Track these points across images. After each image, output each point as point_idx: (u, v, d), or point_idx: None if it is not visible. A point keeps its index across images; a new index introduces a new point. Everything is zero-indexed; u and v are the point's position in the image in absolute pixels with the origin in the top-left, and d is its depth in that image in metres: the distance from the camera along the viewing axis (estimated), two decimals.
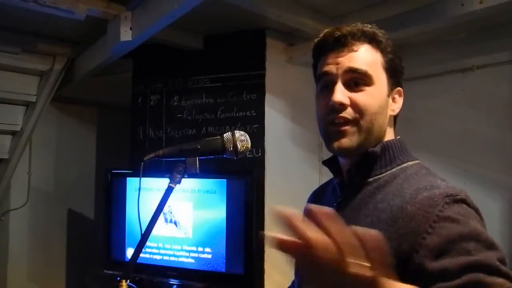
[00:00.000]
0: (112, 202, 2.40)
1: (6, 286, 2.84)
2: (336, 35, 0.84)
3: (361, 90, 0.82)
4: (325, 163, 0.95)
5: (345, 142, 0.82)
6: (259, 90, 2.21)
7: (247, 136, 0.99)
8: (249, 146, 0.99)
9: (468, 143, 2.13)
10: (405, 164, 0.84)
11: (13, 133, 2.66)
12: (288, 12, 1.87)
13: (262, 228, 2.14)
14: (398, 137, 0.89)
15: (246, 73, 2.24)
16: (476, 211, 0.73)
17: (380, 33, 0.86)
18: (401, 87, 0.89)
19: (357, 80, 0.82)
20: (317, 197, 1.06)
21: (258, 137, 2.16)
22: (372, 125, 0.82)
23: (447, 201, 0.70)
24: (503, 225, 2.02)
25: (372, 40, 0.84)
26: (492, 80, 2.07)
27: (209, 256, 2.07)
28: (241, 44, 2.28)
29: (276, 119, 2.25)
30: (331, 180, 1.00)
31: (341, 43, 0.83)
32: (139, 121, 2.53)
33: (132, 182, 2.33)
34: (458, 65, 2.17)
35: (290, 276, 1.08)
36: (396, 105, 0.88)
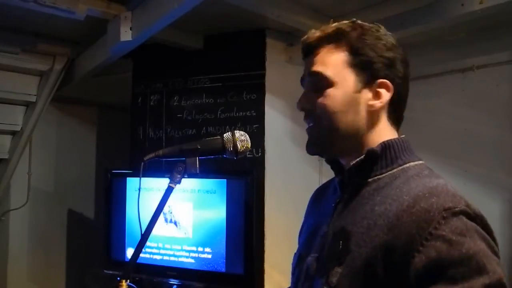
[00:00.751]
0: (112, 202, 2.40)
1: (6, 286, 2.84)
2: (304, 43, 0.88)
3: (322, 93, 0.83)
4: (328, 160, 0.94)
5: (310, 145, 0.87)
6: (259, 90, 2.21)
7: (247, 136, 0.99)
8: (249, 146, 0.99)
9: (468, 143, 2.13)
10: (407, 165, 0.81)
11: (13, 133, 2.66)
12: (288, 12, 1.87)
13: (262, 228, 2.15)
14: (402, 136, 0.86)
15: (246, 73, 2.24)
16: (480, 219, 0.69)
17: (349, 27, 0.83)
18: (385, 78, 0.82)
19: (317, 83, 0.83)
20: (318, 196, 1.05)
21: (258, 137, 2.16)
22: (334, 125, 0.82)
23: (444, 215, 0.66)
24: (503, 225, 2.02)
25: (336, 39, 0.83)
26: (492, 80, 2.07)
27: (209, 256, 2.07)
28: (241, 44, 2.28)
29: (276, 119, 2.25)
30: (333, 178, 0.99)
31: (307, 50, 0.87)
32: (139, 121, 2.53)
33: (132, 182, 2.33)
34: (458, 65, 2.16)
35: (290, 276, 1.07)
36: (378, 100, 0.82)
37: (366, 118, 0.83)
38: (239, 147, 0.97)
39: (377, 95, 0.82)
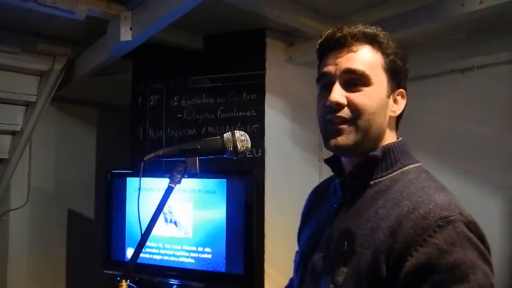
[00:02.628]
0: (112, 202, 2.40)
1: (6, 286, 2.84)
2: (336, 36, 0.86)
3: (359, 90, 0.83)
4: (327, 161, 0.95)
5: (342, 140, 0.83)
6: (259, 90, 2.21)
7: (247, 136, 0.99)
8: (249, 146, 0.99)
9: (468, 143, 2.13)
10: (406, 168, 0.84)
11: (13, 133, 2.66)
12: (288, 12, 1.87)
13: (262, 228, 2.15)
14: (400, 139, 0.89)
15: (246, 73, 2.24)
16: (473, 226, 0.72)
17: (382, 34, 0.86)
18: (404, 89, 0.89)
19: (355, 80, 0.83)
20: (317, 195, 1.06)
21: (258, 137, 2.16)
22: (369, 124, 0.83)
23: (440, 223, 0.70)
24: (503, 225, 2.02)
25: (372, 41, 0.85)
26: (492, 80, 2.07)
27: (209, 256, 2.07)
28: (241, 44, 2.28)
29: (276, 119, 2.25)
30: (332, 177, 1.00)
31: (341, 44, 0.85)
32: (139, 121, 2.53)
33: (132, 182, 2.33)
34: (458, 65, 2.16)
35: (290, 276, 1.08)
36: (397, 107, 0.88)
37: (388, 123, 0.87)
38: (239, 147, 0.97)
39: (395, 102, 0.87)
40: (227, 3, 1.77)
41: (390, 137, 0.88)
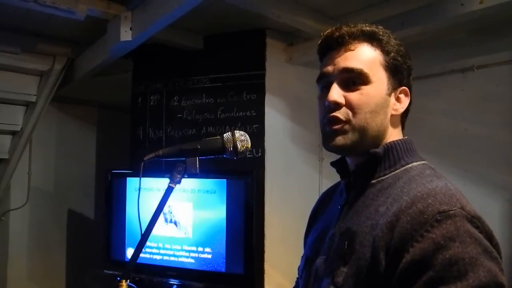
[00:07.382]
0: (112, 202, 2.40)
1: (6, 286, 2.84)
2: (334, 35, 0.85)
3: (358, 89, 0.82)
4: (333, 164, 0.94)
5: (339, 140, 0.82)
6: (259, 90, 2.21)
7: (247, 136, 0.99)
8: (249, 146, 0.99)
9: (468, 143, 2.13)
10: (410, 165, 0.82)
11: (13, 133, 2.66)
12: (288, 12, 1.87)
13: (262, 228, 2.15)
14: (406, 137, 0.88)
15: (246, 73, 2.24)
16: (478, 220, 0.69)
17: (381, 31, 0.85)
18: (407, 87, 0.87)
19: (353, 79, 0.82)
20: (325, 199, 1.05)
21: (258, 137, 2.16)
22: (366, 124, 0.81)
23: (438, 218, 0.67)
24: (503, 225, 2.02)
25: (371, 38, 0.84)
26: (492, 80, 2.07)
27: (209, 256, 2.07)
28: (241, 44, 2.28)
29: (276, 119, 2.25)
30: (339, 182, 0.99)
31: (339, 43, 0.84)
32: (139, 121, 2.53)
33: (132, 182, 2.33)
34: (458, 65, 2.16)
35: (290, 276, 1.07)
36: (400, 105, 0.86)
37: (390, 121, 0.85)
38: (239, 147, 0.97)
39: (398, 100, 0.86)
40: (227, 3, 1.77)
41: (394, 135, 0.86)
